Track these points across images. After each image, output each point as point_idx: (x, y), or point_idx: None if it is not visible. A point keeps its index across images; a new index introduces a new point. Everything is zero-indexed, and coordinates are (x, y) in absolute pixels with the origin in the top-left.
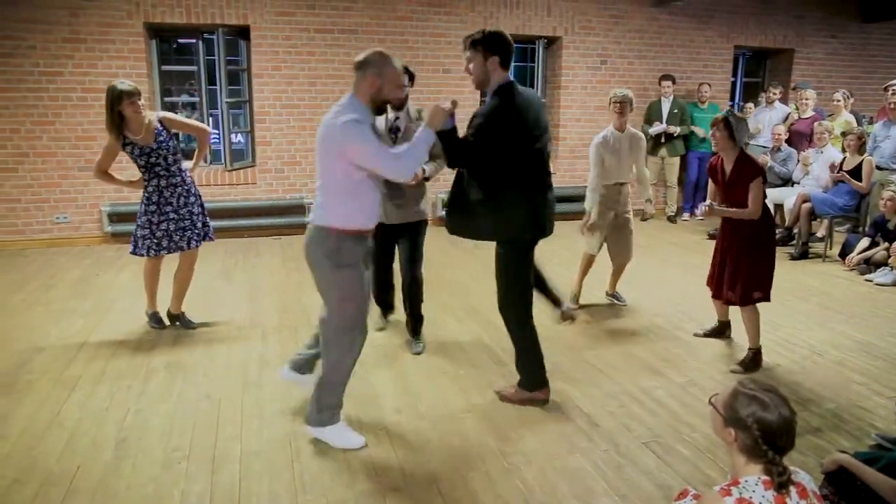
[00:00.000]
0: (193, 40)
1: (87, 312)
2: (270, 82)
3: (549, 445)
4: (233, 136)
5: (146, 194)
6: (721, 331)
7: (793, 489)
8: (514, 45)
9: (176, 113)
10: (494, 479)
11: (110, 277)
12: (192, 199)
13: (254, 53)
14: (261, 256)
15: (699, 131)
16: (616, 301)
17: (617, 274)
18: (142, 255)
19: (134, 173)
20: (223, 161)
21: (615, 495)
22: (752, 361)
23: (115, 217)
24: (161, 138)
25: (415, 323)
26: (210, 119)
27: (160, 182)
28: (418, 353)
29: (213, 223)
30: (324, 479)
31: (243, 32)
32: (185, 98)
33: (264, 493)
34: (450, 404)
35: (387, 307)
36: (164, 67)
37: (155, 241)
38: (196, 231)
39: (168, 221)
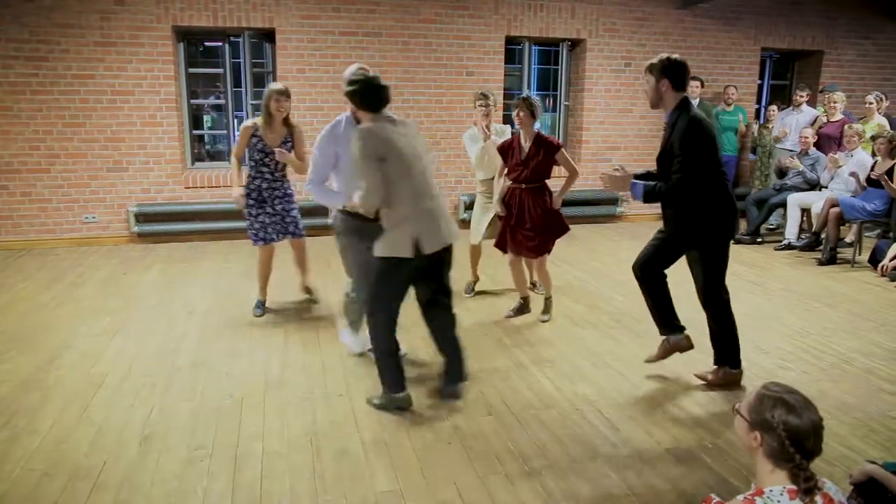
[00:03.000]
0: (220, 43)
1: (115, 311)
2: (295, 85)
3: (570, 450)
4: None
5: (248, 189)
6: (525, 307)
7: (819, 499)
8: (541, 48)
9: (203, 114)
10: (515, 482)
11: (136, 277)
12: (289, 201)
13: (279, 56)
14: (284, 257)
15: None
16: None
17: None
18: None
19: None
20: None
21: (637, 501)
22: (520, 309)
23: (142, 217)
24: (287, 144)
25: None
26: (235, 121)
27: (262, 183)
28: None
29: (233, 224)
30: (344, 479)
31: (268, 35)
32: (211, 100)
33: (285, 493)
34: (470, 407)
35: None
36: (191, 70)
37: (253, 230)
38: (292, 224)
39: (264, 215)
